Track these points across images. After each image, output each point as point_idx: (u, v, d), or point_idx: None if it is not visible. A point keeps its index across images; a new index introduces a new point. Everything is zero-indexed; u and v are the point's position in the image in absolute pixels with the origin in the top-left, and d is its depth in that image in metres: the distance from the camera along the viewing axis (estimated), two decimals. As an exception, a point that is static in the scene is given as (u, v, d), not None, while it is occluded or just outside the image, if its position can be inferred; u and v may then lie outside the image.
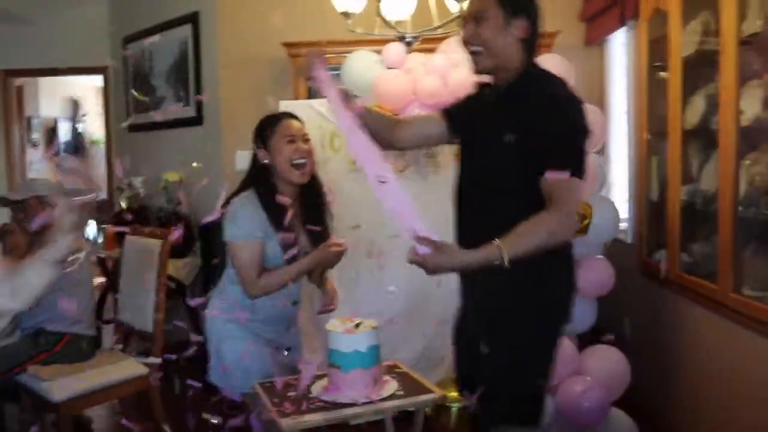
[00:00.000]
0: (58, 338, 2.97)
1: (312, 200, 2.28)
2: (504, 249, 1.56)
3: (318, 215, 2.28)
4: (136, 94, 3.91)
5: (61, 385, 2.78)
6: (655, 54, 3.21)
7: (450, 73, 2.98)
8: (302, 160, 2.17)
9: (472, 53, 1.79)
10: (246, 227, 2.14)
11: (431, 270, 1.60)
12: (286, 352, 2.36)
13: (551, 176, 1.66)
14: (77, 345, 3.02)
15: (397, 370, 2.26)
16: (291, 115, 2.28)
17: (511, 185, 1.75)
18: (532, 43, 1.79)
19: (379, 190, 1.65)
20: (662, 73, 3.13)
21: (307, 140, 2.22)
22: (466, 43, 1.80)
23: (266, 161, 2.17)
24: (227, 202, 2.19)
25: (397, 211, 1.62)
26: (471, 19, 1.78)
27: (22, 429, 3.26)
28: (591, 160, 2.86)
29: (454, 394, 3.14)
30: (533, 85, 1.77)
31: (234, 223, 2.14)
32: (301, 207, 2.26)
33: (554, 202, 1.65)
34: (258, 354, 2.24)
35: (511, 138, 1.72)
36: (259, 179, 2.20)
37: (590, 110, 2.92)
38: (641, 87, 3.31)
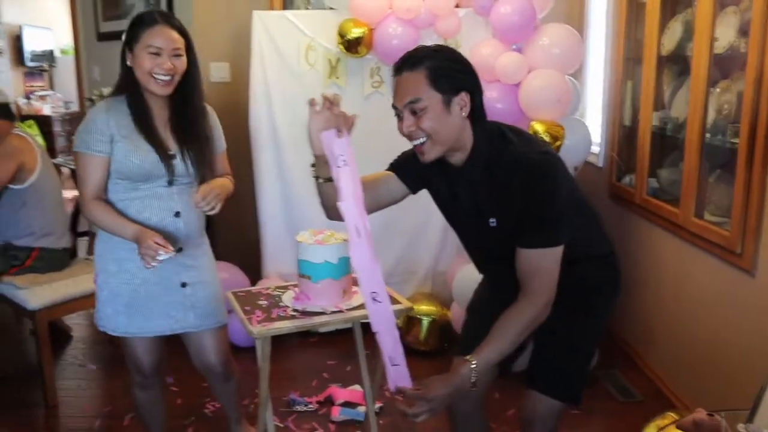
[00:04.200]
0: (27, 253, 2.94)
1: (183, 117, 2.00)
2: (477, 364, 1.50)
3: (188, 132, 2.00)
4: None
5: (37, 293, 2.82)
6: (635, -25, 3.17)
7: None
8: (165, 77, 1.89)
9: (417, 145, 1.59)
10: (85, 138, 1.92)
11: (422, 415, 1.48)
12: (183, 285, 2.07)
13: (523, 254, 1.58)
14: (48, 258, 2.99)
15: (367, 282, 2.31)
16: (168, 20, 1.91)
17: (509, 255, 1.63)
18: (478, 111, 1.60)
19: (352, 242, 1.49)
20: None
21: (178, 56, 1.90)
22: (407, 136, 1.59)
23: (130, 65, 1.92)
24: None
25: (383, 332, 1.51)
26: (406, 109, 1.55)
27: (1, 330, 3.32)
28: (565, 82, 2.89)
29: (424, 307, 3.25)
30: (490, 160, 1.60)
31: (80, 131, 1.94)
32: (173, 117, 1.99)
33: (526, 284, 1.57)
34: (118, 290, 2.03)
35: (493, 222, 1.64)
36: (128, 81, 1.94)
37: (566, 32, 2.93)
38: (620, 10, 3.28)
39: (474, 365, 1.50)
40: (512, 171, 1.56)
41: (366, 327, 2.52)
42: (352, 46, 3.09)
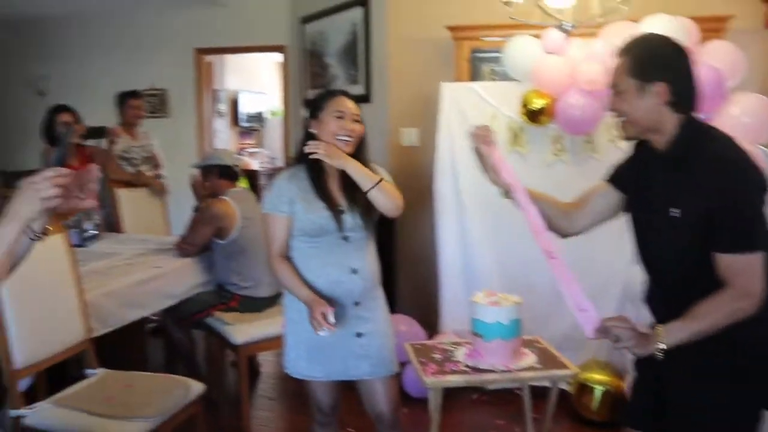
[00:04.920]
0: (231, 296, 3.39)
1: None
2: (663, 334, 1.57)
3: (356, 189, 2.18)
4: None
5: (241, 330, 3.20)
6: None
7: (611, 59, 2.98)
8: (347, 138, 2.17)
9: (620, 122, 1.75)
10: (271, 200, 2.22)
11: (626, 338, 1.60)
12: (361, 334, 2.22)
13: (723, 259, 1.57)
14: (249, 303, 3.39)
15: (537, 345, 2.39)
16: (348, 95, 2.25)
17: (688, 260, 1.66)
18: (681, 102, 1.66)
19: (549, 262, 1.73)
20: None
21: (356, 121, 2.20)
22: (612, 112, 1.76)
23: (314, 131, 2.20)
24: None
25: (565, 285, 1.73)
26: (611, 89, 1.74)
27: (209, 359, 3.79)
28: (754, 151, 2.78)
29: (597, 376, 3.20)
30: (690, 151, 1.64)
31: (267, 195, 2.25)
32: (343, 179, 2.21)
33: (730, 283, 1.56)
34: (300, 338, 2.23)
35: (676, 212, 1.64)
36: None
37: (758, 101, 2.84)
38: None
39: (658, 332, 1.57)
40: (710, 166, 1.59)
41: (534, 390, 2.58)
42: (534, 115, 3.22)
